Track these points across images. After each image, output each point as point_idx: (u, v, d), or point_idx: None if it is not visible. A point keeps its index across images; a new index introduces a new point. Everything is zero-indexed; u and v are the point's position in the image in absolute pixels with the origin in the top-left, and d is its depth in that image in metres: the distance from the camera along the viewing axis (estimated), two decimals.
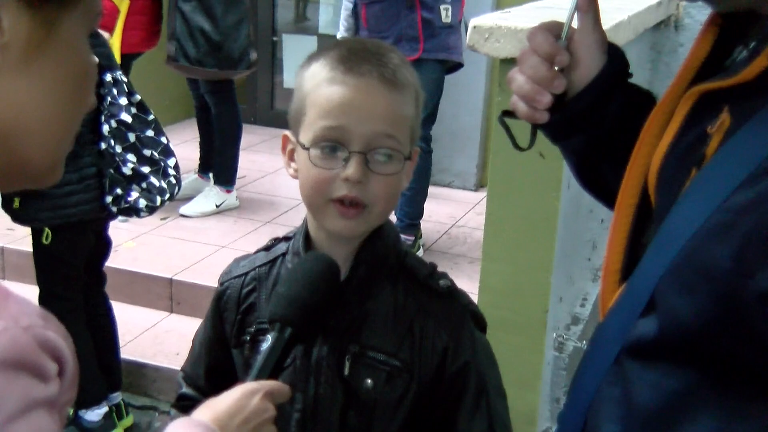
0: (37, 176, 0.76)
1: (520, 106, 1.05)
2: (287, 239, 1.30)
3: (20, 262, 3.78)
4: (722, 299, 0.76)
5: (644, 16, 3.24)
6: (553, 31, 1.04)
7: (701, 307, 0.78)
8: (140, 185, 2.65)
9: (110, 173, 2.62)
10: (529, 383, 2.47)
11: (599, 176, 1.12)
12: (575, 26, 1.05)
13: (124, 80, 2.68)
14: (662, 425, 0.84)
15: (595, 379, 0.91)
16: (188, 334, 3.53)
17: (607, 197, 1.10)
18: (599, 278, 3.50)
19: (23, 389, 0.61)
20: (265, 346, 1.07)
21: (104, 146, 2.60)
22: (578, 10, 1.04)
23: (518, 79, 1.04)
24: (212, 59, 4.23)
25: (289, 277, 1.15)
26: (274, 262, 1.29)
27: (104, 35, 4.03)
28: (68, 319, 2.69)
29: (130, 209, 2.67)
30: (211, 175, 4.66)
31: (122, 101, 2.64)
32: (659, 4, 3.70)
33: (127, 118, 2.62)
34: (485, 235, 2.48)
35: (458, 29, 3.96)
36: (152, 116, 2.73)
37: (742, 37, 0.90)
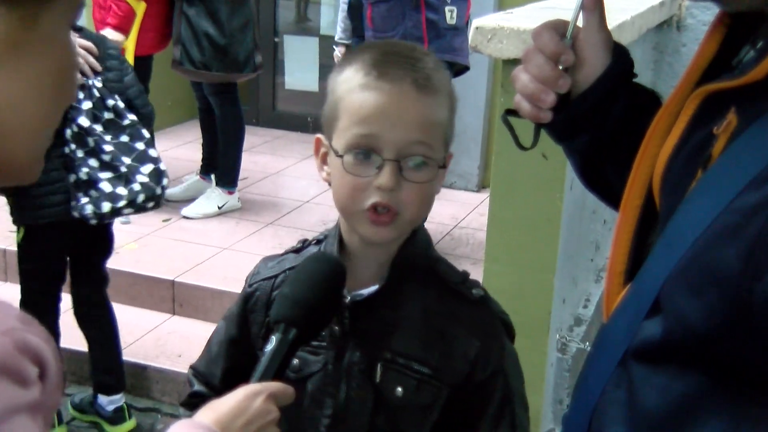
0: (16, 172, 0.74)
1: (524, 105, 1.05)
2: (318, 242, 1.29)
3: None
4: (730, 302, 0.76)
5: (647, 16, 3.23)
6: (558, 30, 1.03)
7: (708, 309, 0.77)
8: (89, 192, 2.63)
9: (73, 177, 2.62)
10: (532, 385, 2.44)
11: (603, 176, 1.11)
12: (580, 25, 1.05)
13: (96, 85, 2.66)
14: (669, 428, 0.83)
15: (600, 381, 0.91)
16: (191, 336, 3.55)
17: (611, 198, 1.09)
18: (602, 279, 3.50)
19: (2, 395, 0.60)
20: (269, 347, 1.06)
21: (67, 150, 2.61)
22: (584, 9, 1.03)
23: (522, 78, 1.03)
24: (217, 63, 4.23)
25: (294, 277, 1.14)
26: None
27: (119, 38, 4.05)
28: (47, 317, 2.77)
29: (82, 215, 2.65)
30: (213, 176, 4.66)
31: (85, 105, 2.62)
32: (662, 4, 3.68)
33: (84, 122, 2.61)
34: (488, 236, 2.47)
35: (464, 31, 3.95)
36: (129, 121, 2.71)
37: (749, 36, 0.89)
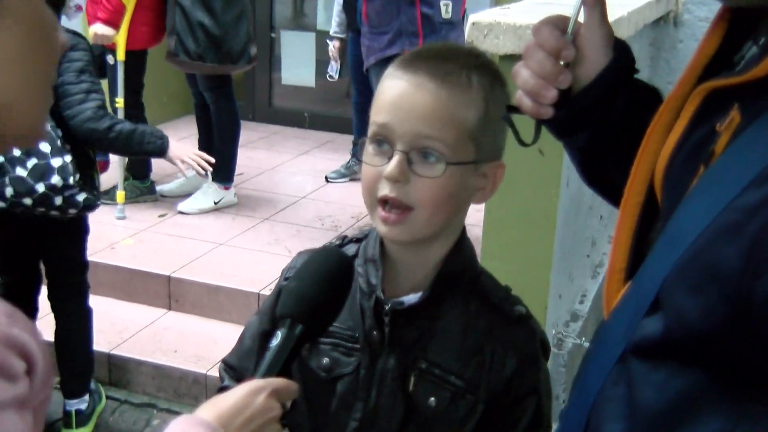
0: (24, 134, 0.74)
1: (524, 101, 1.04)
2: (358, 240, 1.26)
3: None
4: (730, 300, 0.75)
5: (644, 12, 3.23)
6: (559, 25, 1.02)
7: (708, 307, 0.77)
8: None
9: None
10: None
11: (604, 173, 1.10)
12: (581, 21, 1.04)
13: None
14: (668, 426, 0.83)
15: (599, 377, 0.90)
16: (187, 331, 3.54)
17: (611, 194, 1.09)
18: (598, 275, 3.50)
19: None
20: (273, 342, 1.05)
21: None
22: (585, 4, 1.03)
23: (523, 73, 1.03)
24: (212, 54, 4.21)
25: (300, 272, 1.12)
26: None
27: (109, 32, 4.01)
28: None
29: None
30: (209, 172, 4.64)
31: None
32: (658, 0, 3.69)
33: None
34: (484, 232, 2.47)
35: (460, 26, 3.94)
36: None
37: (751, 32, 0.88)
